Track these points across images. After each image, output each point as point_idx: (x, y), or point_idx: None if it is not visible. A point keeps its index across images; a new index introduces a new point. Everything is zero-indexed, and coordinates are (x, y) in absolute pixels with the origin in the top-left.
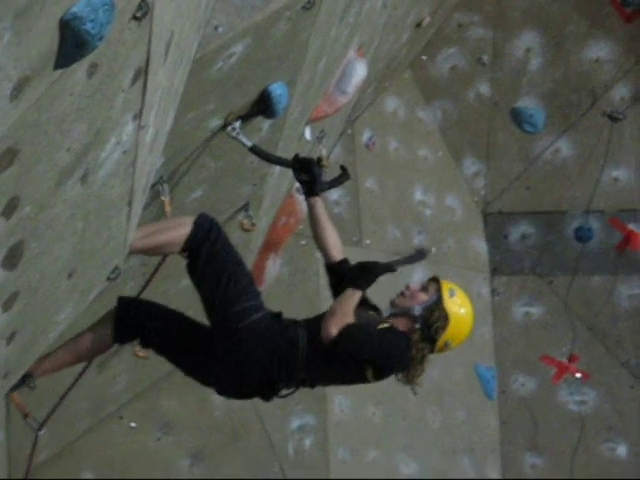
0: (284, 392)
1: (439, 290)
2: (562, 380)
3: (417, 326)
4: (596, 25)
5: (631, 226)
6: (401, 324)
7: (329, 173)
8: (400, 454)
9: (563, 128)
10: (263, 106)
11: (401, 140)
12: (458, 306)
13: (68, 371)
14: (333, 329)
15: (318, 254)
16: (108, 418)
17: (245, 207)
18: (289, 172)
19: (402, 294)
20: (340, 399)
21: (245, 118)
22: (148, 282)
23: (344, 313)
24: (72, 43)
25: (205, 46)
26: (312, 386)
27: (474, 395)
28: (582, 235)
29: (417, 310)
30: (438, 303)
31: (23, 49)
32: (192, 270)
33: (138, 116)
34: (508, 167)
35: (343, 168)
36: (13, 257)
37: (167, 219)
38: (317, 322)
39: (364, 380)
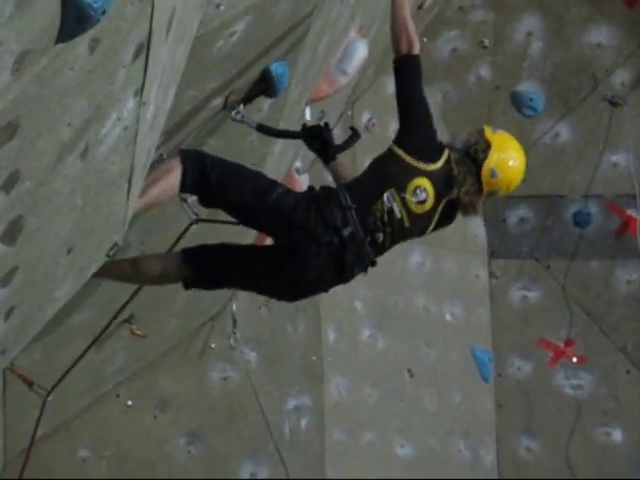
0: (354, 262)
1: (482, 130)
2: (559, 364)
3: (460, 154)
4: (598, 10)
5: (630, 211)
6: None
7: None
8: (396, 436)
9: (563, 112)
10: (264, 85)
11: None
12: (502, 138)
13: (65, 349)
14: (414, 43)
15: None
16: (105, 396)
17: None
18: (288, 152)
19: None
20: (337, 380)
21: (247, 101)
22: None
23: (409, 21)
24: (74, 17)
25: (207, 24)
26: (376, 228)
27: (470, 378)
28: (580, 220)
29: (458, 143)
30: (480, 134)
31: (25, 23)
32: (209, 202)
33: (139, 92)
34: None
35: (353, 129)
36: (12, 232)
37: (154, 170)
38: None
39: (393, 160)
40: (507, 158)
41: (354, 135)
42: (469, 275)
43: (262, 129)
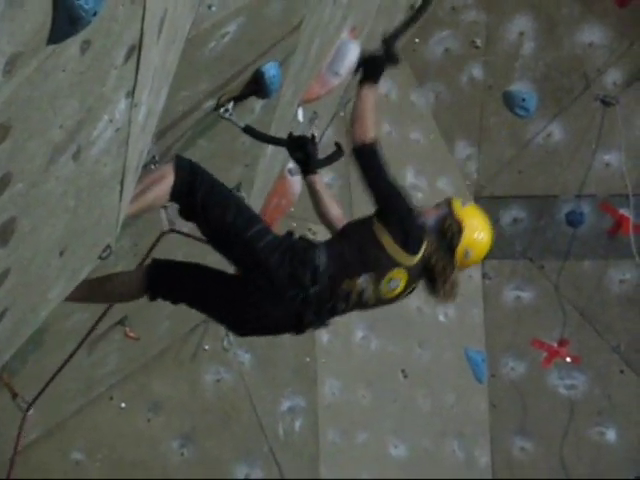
0: (312, 321)
1: (450, 203)
2: (552, 364)
3: (433, 236)
4: (590, 9)
5: (622, 211)
6: None
7: (322, 153)
8: (390, 436)
9: (555, 112)
10: (256, 86)
11: (393, 123)
12: (471, 213)
13: (57, 353)
14: (367, 130)
15: (310, 236)
16: (98, 399)
17: (237, 188)
18: (281, 153)
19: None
20: (331, 381)
21: (238, 99)
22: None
23: (368, 112)
24: (66, 19)
25: (198, 25)
26: (339, 298)
27: (464, 379)
28: (573, 219)
29: (430, 221)
30: (450, 213)
31: (16, 24)
32: (189, 215)
33: (131, 94)
34: (500, 151)
35: (337, 145)
36: (4, 234)
37: (146, 175)
38: (333, 238)
39: (380, 248)
40: (478, 236)
41: (338, 151)
42: (462, 276)
43: (248, 131)
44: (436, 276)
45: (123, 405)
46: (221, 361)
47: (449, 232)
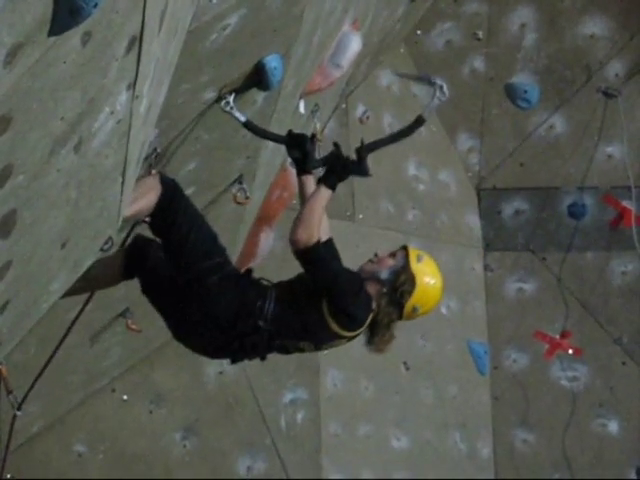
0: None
1: (406, 256)
2: (554, 356)
3: (384, 290)
4: (591, 1)
5: (625, 202)
6: (369, 288)
7: (323, 149)
8: (392, 428)
9: (557, 104)
10: (257, 78)
11: (395, 115)
12: (425, 270)
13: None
14: (302, 233)
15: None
16: (100, 391)
17: (239, 180)
18: (282, 146)
19: (370, 261)
20: (333, 373)
21: (239, 92)
22: None
23: (316, 214)
24: (66, 10)
25: (200, 17)
26: (277, 347)
27: (466, 371)
28: (576, 211)
29: (384, 274)
30: (405, 267)
31: (17, 15)
32: (157, 228)
33: (132, 86)
34: (502, 143)
35: (336, 145)
36: (6, 226)
37: (136, 186)
38: (286, 283)
39: (325, 327)
40: (427, 293)
41: (336, 152)
42: (464, 268)
43: (248, 126)
44: (379, 329)
45: (125, 397)
46: None
47: (401, 288)
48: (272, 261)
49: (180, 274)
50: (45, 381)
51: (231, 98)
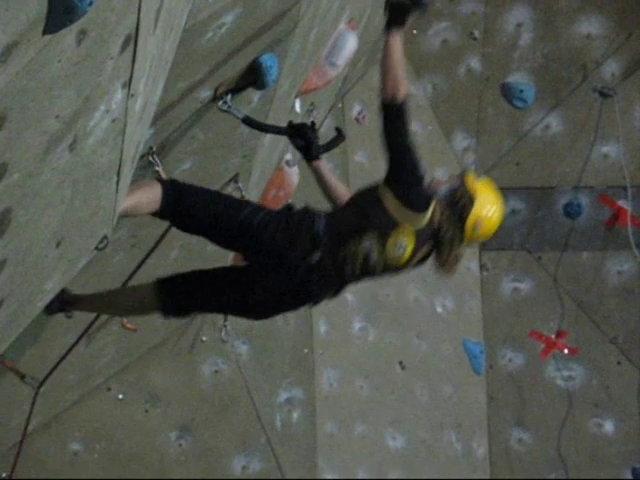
0: (320, 290)
1: (463, 176)
2: (550, 356)
3: (444, 205)
4: (587, 0)
5: (620, 202)
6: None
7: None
8: (388, 428)
9: (553, 104)
10: (253, 77)
11: None
12: (483, 188)
13: (57, 343)
14: (399, 84)
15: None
16: (96, 390)
17: (234, 179)
18: (279, 144)
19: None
20: (328, 372)
21: (235, 91)
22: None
23: (398, 62)
24: (61, 8)
25: (195, 15)
26: (343, 262)
27: (462, 370)
28: (571, 211)
29: (442, 191)
30: (462, 184)
31: (11, 14)
32: (183, 226)
33: (127, 84)
34: (498, 142)
35: (338, 130)
36: (1, 225)
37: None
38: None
39: (382, 208)
40: (489, 211)
41: (339, 136)
42: (460, 267)
43: (248, 121)
44: (443, 246)
45: (121, 396)
46: (219, 352)
47: (460, 203)
48: None
49: (227, 241)
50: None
51: (228, 97)
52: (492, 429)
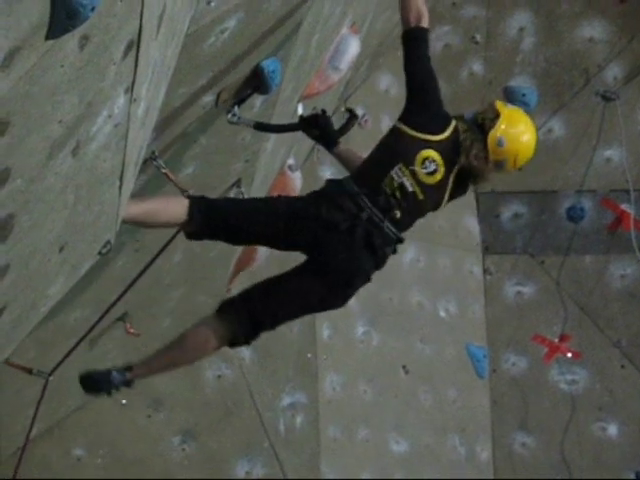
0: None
1: (493, 102)
2: (553, 360)
3: (467, 124)
4: (590, 4)
5: (623, 206)
6: None
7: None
8: (391, 432)
9: (556, 108)
10: (256, 82)
11: (394, 118)
12: (512, 110)
13: (64, 342)
14: (422, 16)
15: None
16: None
17: (237, 184)
18: (282, 149)
19: None
20: (332, 377)
21: (241, 102)
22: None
23: None
24: (64, 14)
25: (198, 21)
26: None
27: (465, 374)
28: (574, 215)
29: (469, 114)
30: (490, 105)
31: (14, 19)
32: (230, 239)
33: (130, 89)
34: None
35: (350, 110)
36: (4, 230)
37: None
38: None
39: (398, 135)
40: (515, 129)
41: (352, 116)
42: (463, 271)
43: (260, 127)
44: (463, 152)
45: (124, 402)
46: (222, 357)
47: (482, 116)
48: (270, 267)
49: (273, 237)
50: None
51: (236, 109)
52: (496, 433)
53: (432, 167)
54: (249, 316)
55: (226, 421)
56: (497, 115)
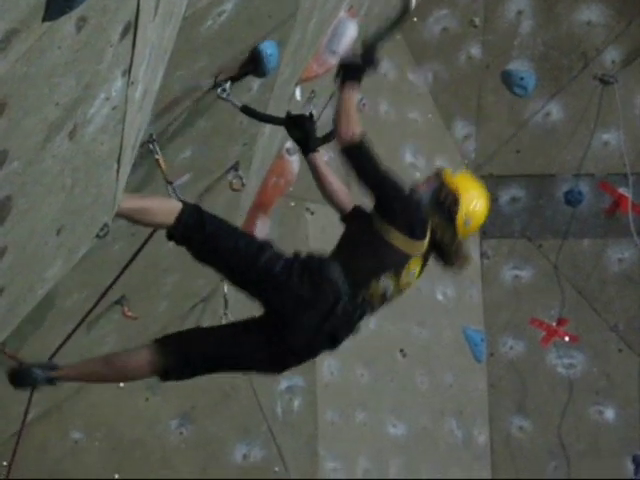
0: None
1: (441, 174)
2: (551, 343)
3: (432, 210)
4: None
5: (621, 190)
6: None
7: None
8: (388, 415)
9: (554, 91)
10: (253, 65)
11: (391, 102)
12: (462, 181)
13: (56, 332)
14: (347, 128)
15: (308, 216)
16: None
17: (235, 167)
18: (279, 133)
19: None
20: (329, 360)
21: (235, 79)
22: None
23: (351, 110)
24: None
25: (195, 3)
26: (364, 305)
27: (463, 358)
28: (572, 198)
29: (425, 196)
30: (443, 183)
31: (11, 1)
32: (200, 256)
33: (127, 72)
34: (498, 130)
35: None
36: (1, 212)
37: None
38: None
39: (390, 245)
40: (474, 203)
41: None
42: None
43: (246, 111)
44: (446, 248)
45: (121, 384)
46: None
47: (446, 203)
48: None
49: (243, 281)
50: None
51: (227, 85)
52: (493, 417)
53: (413, 273)
54: (184, 359)
55: (224, 404)
56: (457, 197)
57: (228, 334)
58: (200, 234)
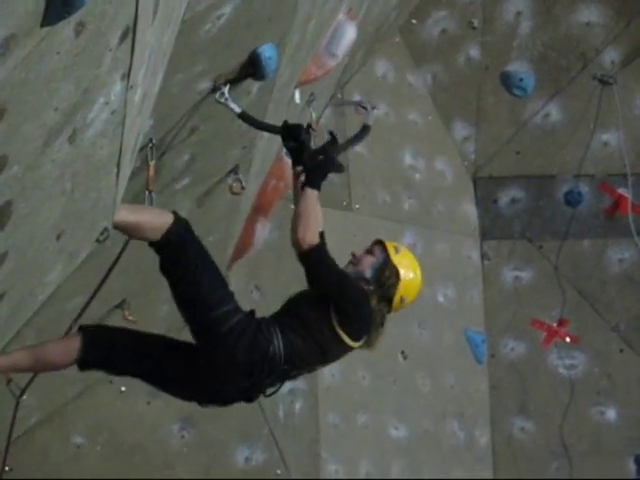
0: (269, 390)
1: (384, 249)
2: (552, 344)
3: (372, 288)
4: None
5: (621, 190)
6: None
7: (319, 139)
8: (390, 418)
9: (553, 92)
10: (252, 68)
11: (391, 104)
12: (404, 261)
13: (62, 330)
14: (304, 233)
15: None
16: (98, 382)
17: (234, 170)
18: (278, 136)
19: (350, 262)
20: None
21: (233, 82)
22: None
23: (309, 215)
24: (59, 0)
25: (194, 7)
26: (296, 375)
27: (464, 359)
28: (572, 199)
29: (368, 273)
30: (386, 261)
31: (9, 6)
32: (167, 272)
33: (126, 76)
34: (498, 131)
35: (331, 134)
36: (1, 217)
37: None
38: (292, 314)
39: (339, 342)
40: (411, 282)
41: (332, 141)
42: (461, 256)
43: (243, 117)
44: (374, 327)
45: (123, 389)
46: None
47: (387, 283)
48: (268, 252)
49: (192, 325)
50: (42, 373)
51: (226, 89)
52: (494, 418)
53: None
54: (105, 355)
55: (225, 408)
56: (398, 277)
57: (156, 344)
58: (176, 254)
